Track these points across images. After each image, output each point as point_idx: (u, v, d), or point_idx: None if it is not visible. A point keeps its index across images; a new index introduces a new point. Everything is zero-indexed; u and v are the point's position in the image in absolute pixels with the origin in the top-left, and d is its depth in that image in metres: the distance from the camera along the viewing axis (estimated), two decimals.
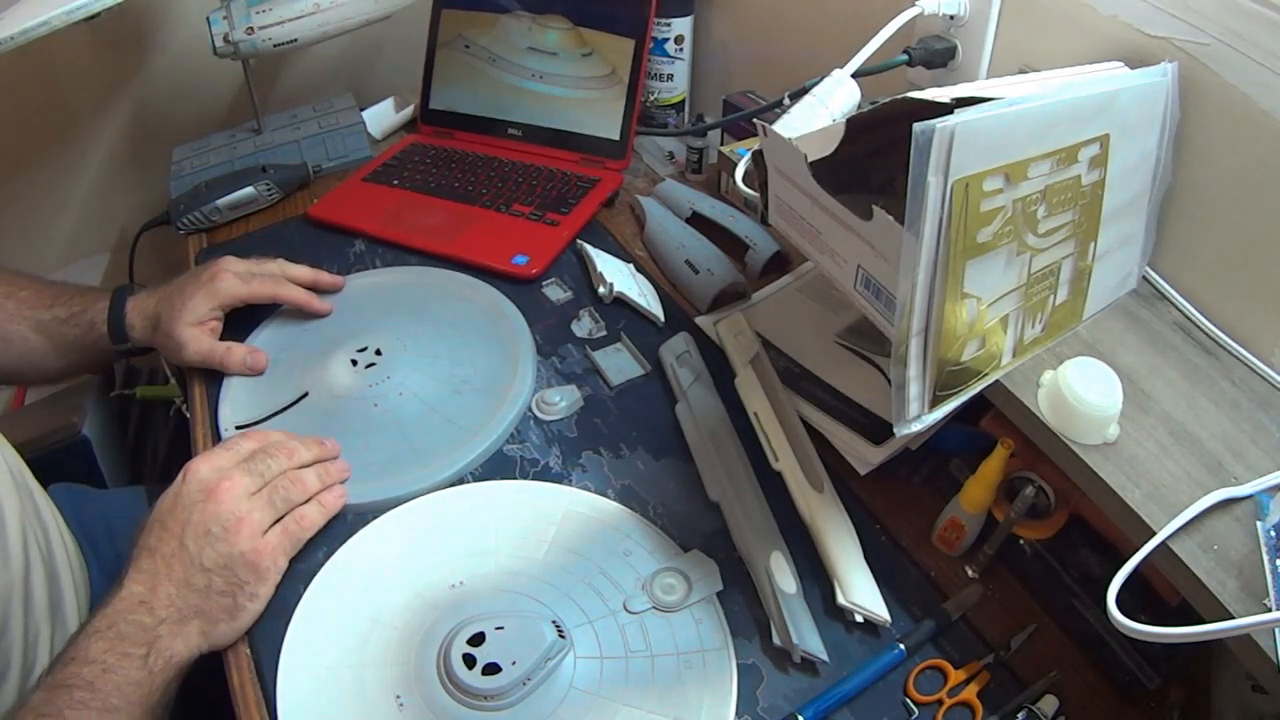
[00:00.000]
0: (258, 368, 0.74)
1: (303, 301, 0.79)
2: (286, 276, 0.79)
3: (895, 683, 0.53)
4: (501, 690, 0.50)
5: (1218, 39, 0.53)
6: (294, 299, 0.79)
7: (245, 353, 0.73)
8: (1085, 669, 0.54)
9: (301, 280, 0.80)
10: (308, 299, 0.79)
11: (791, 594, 0.55)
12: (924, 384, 0.48)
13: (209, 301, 0.74)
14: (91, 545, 0.74)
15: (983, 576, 0.59)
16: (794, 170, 0.53)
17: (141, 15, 1.12)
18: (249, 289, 0.76)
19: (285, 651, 0.53)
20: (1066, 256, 0.52)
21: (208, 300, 0.74)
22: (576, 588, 0.56)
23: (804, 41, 0.95)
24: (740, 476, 0.63)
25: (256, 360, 0.74)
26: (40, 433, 0.99)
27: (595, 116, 0.99)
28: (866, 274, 0.50)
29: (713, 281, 0.79)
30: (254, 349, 0.74)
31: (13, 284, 0.77)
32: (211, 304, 0.74)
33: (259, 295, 0.77)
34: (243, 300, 0.76)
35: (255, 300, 0.77)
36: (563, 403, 0.70)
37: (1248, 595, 0.42)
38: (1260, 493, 0.46)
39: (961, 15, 0.71)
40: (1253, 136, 0.52)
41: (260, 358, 0.74)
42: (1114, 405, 0.48)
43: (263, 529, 0.56)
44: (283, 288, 0.78)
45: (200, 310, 0.73)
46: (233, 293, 0.75)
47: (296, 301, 0.79)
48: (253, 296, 0.76)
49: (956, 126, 0.42)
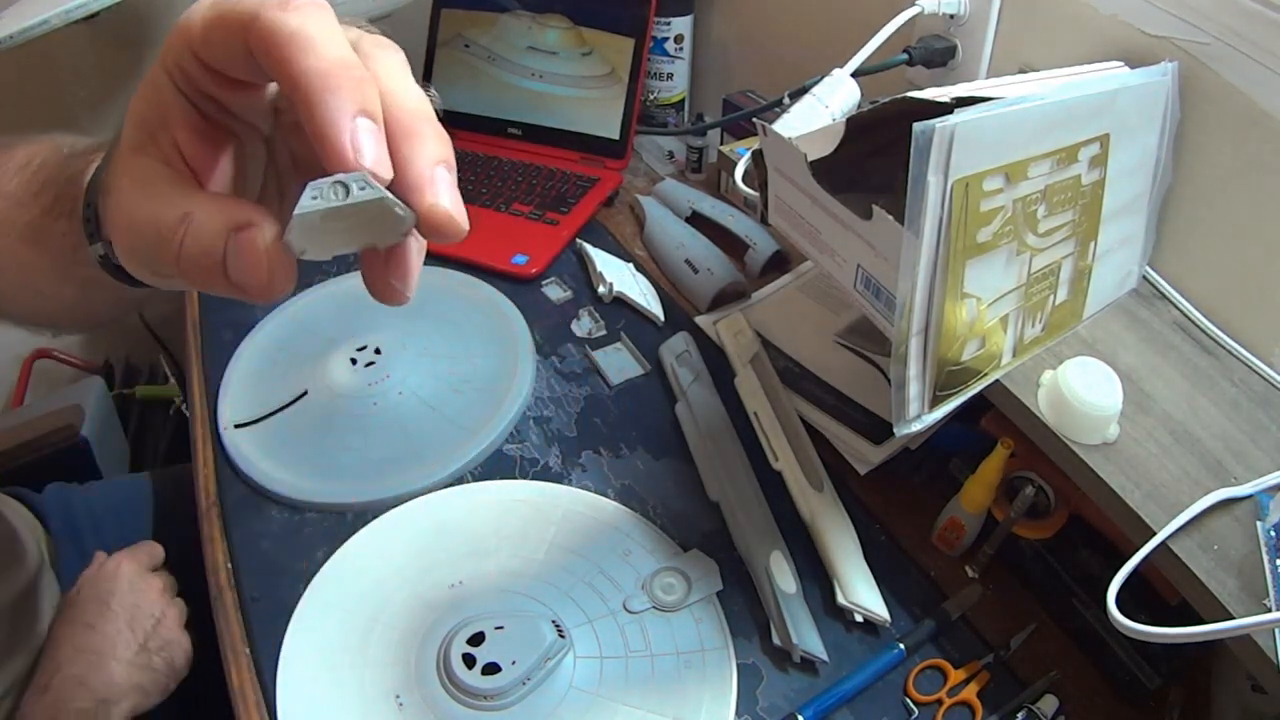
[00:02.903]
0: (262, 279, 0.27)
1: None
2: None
3: (895, 682, 0.53)
4: (501, 690, 0.50)
5: (1218, 38, 0.53)
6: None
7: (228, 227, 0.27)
8: (1085, 669, 0.54)
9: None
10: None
11: (791, 594, 0.55)
12: (924, 384, 0.48)
13: (152, 91, 0.28)
14: (73, 537, 0.74)
15: (983, 576, 0.59)
16: (794, 170, 0.52)
17: (141, 15, 1.12)
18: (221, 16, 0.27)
19: (285, 651, 0.53)
20: (1066, 256, 0.52)
21: (150, 91, 0.29)
22: (576, 588, 0.56)
23: (804, 41, 0.95)
24: (740, 476, 0.63)
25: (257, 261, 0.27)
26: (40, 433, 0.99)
27: (595, 116, 0.98)
28: (866, 274, 0.50)
29: (712, 281, 0.79)
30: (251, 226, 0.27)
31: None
32: (156, 93, 0.28)
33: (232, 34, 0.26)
34: (210, 59, 0.27)
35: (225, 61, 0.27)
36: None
37: (1248, 595, 0.42)
38: (1260, 493, 0.46)
39: (961, 15, 0.70)
40: (1253, 136, 0.52)
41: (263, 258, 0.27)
42: (1114, 405, 0.48)
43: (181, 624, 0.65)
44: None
45: (141, 114, 0.29)
46: (189, 43, 0.27)
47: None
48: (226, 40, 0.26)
49: (956, 126, 0.42)
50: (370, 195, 0.24)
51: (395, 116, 0.26)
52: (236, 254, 0.26)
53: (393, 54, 0.28)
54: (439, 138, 0.27)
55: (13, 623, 0.62)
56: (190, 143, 0.28)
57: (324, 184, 0.24)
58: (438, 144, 0.27)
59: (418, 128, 0.26)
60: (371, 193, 0.24)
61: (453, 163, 0.27)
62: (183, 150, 0.28)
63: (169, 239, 0.26)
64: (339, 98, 0.24)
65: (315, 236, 0.25)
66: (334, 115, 0.24)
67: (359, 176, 0.24)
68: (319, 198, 0.24)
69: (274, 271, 0.26)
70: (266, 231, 0.26)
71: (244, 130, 0.31)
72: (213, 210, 0.26)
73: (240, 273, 0.26)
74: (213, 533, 0.62)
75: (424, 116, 0.27)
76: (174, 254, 0.26)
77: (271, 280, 0.26)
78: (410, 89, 0.27)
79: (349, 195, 0.24)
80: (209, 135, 0.29)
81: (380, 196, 0.24)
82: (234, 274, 0.26)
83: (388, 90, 0.26)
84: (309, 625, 0.55)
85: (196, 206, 0.26)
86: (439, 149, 0.27)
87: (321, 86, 0.24)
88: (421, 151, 0.26)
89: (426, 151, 0.26)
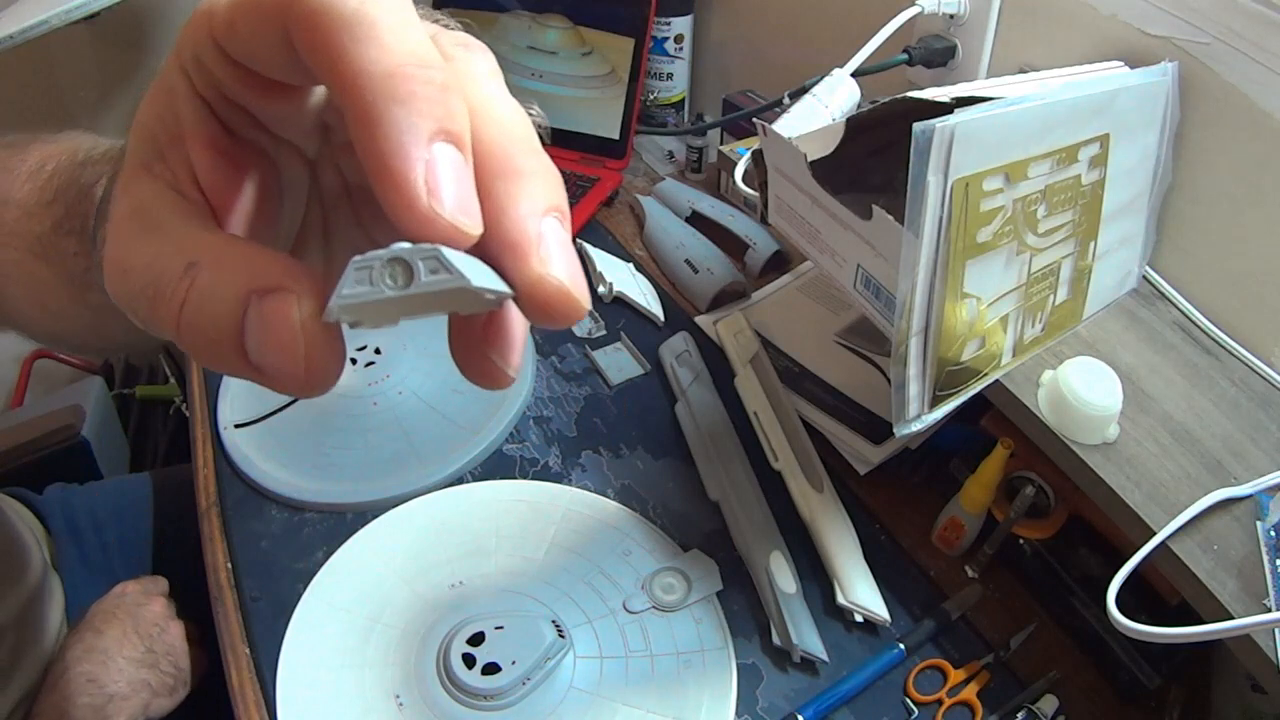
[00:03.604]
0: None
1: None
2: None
3: (895, 682, 0.53)
4: (501, 690, 0.50)
5: (1218, 38, 0.53)
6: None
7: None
8: (1085, 669, 0.54)
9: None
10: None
11: (791, 594, 0.55)
12: (924, 384, 0.48)
13: (164, 95, 0.21)
14: (74, 537, 0.74)
15: (982, 576, 0.59)
16: (794, 170, 0.52)
17: (141, 15, 1.12)
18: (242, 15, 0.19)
19: (285, 651, 0.53)
20: (1066, 256, 0.52)
21: (162, 94, 0.21)
22: (576, 587, 0.56)
23: (804, 41, 0.95)
24: (740, 476, 0.63)
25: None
26: (40, 433, 0.99)
27: (595, 115, 0.98)
28: (866, 274, 0.50)
29: (712, 281, 0.79)
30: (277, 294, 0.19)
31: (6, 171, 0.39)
32: (169, 98, 0.21)
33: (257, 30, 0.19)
34: (238, 51, 0.20)
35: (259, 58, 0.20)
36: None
37: (1248, 595, 0.42)
38: (1260, 493, 0.46)
39: (961, 14, 0.70)
40: (1253, 136, 0.52)
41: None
42: (1114, 405, 0.48)
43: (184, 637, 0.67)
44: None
45: (149, 124, 0.21)
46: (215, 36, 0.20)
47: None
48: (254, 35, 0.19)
49: (956, 126, 0.42)
50: (444, 283, 0.17)
51: (488, 143, 0.19)
52: (259, 328, 0.18)
53: (481, 57, 0.21)
54: (547, 175, 0.20)
55: (19, 633, 0.62)
56: (209, 164, 0.21)
57: (376, 259, 0.17)
58: (546, 184, 0.19)
59: (519, 161, 0.19)
60: (445, 280, 0.17)
61: (566, 209, 0.20)
62: (199, 174, 0.21)
63: (167, 297, 0.19)
64: (410, 110, 0.17)
65: (370, 310, 0.17)
66: (401, 136, 0.17)
67: (429, 252, 0.17)
68: (369, 282, 0.17)
69: (311, 356, 0.18)
70: (303, 302, 0.18)
71: (280, 151, 0.23)
72: (228, 262, 0.19)
73: (263, 353, 0.18)
74: (213, 533, 0.62)
75: (526, 144, 0.20)
76: (173, 317, 0.19)
77: (308, 368, 0.18)
78: (508, 105, 0.20)
79: (411, 283, 0.17)
80: (233, 156, 0.21)
81: (459, 286, 0.17)
82: (255, 354, 0.18)
83: (477, 107, 0.19)
84: (309, 625, 0.55)
85: (206, 254, 0.19)
86: (548, 192, 0.19)
87: (386, 93, 0.17)
88: (524, 194, 0.19)
89: (531, 195, 0.19)
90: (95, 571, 0.73)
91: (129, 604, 0.64)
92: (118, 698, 0.57)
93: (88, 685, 0.57)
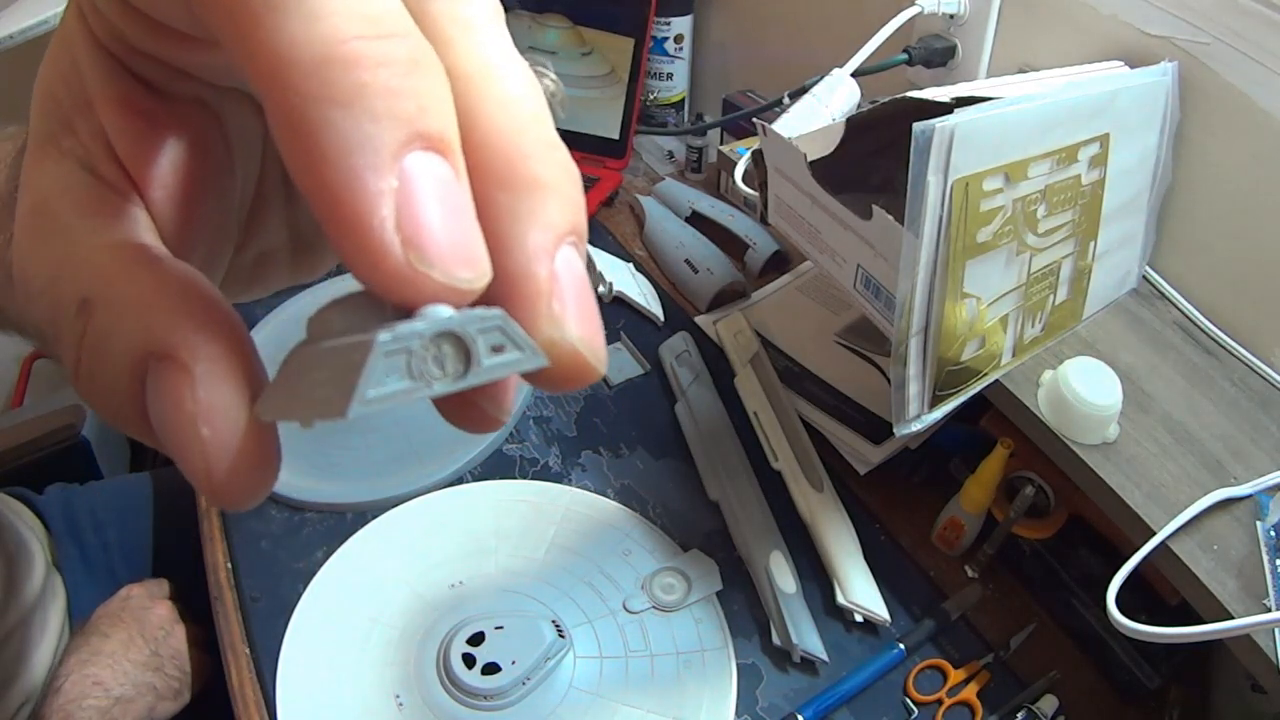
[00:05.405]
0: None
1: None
2: None
3: (895, 682, 0.53)
4: (501, 690, 0.50)
5: (1218, 38, 0.53)
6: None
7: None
8: (1085, 669, 0.54)
9: None
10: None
11: (791, 594, 0.55)
12: (924, 383, 0.48)
13: (64, 53, 0.16)
14: (74, 537, 0.74)
15: (982, 576, 0.59)
16: (794, 170, 0.52)
17: None
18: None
19: (285, 651, 0.53)
20: (1066, 256, 0.52)
21: (62, 52, 0.16)
22: (576, 587, 0.56)
23: (804, 41, 0.95)
24: (740, 476, 0.63)
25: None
26: (40, 433, 0.99)
27: (595, 115, 0.98)
28: (866, 274, 0.50)
29: (712, 281, 0.79)
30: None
31: None
32: (69, 55, 0.16)
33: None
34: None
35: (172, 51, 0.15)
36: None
37: (1248, 595, 0.42)
38: (1260, 493, 0.46)
39: (961, 14, 0.70)
40: (1253, 136, 0.52)
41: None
42: (1114, 405, 0.48)
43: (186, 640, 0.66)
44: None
45: (51, 88, 0.16)
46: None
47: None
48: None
49: (956, 126, 0.42)
50: (510, 365, 0.12)
51: (487, 134, 0.13)
52: (155, 406, 0.13)
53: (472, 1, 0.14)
54: (565, 183, 0.14)
55: (22, 632, 0.62)
56: (124, 130, 0.15)
57: (415, 336, 0.11)
58: (563, 199, 0.14)
59: (531, 163, 0.14)
60: (513, 360, 0.12)
61: (584, 228, 0.14)
62: (114, 142, 0.15)
63: (65, 339, 0.14)
64: (359, 114, 0.11)
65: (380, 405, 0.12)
66: (349, 159, 0.11)
67: (491, 321, 0.12)
68: (407, 374, 0.12)
69: (214, 457, 0.13)
70: (202, 386, 0.13)
71: (224, 99, 0.17)
72: (125, 301, 0.14)
73: (164, 438, 0.13)
74: (213, 533, 0.62)
75: (539, 135, 0.14)
76: (72, 365, 0.14)
77: (209, 474, 0.13)
78: (514, 73, 0.14)
79: (470, 369, 0.12)
80: (155, 116, 0.16)
81: (532, 369, 0.13)
82: (159, 434, 0.13)
83: (471, 80, 0.13)
84: (309, 625, 0.55)
85: (100, 287, 0.14)
86: (564, 209, 0.14)
87: (322, 90, 0.11)
88: (536, 216, 0.13)
89: (545, 217, 0.14)
90: (96, 571, 0.73)
91: (134, 607, 0.64)
92: (123, 701, 0.57)
93: (93, 688, 0.57)
